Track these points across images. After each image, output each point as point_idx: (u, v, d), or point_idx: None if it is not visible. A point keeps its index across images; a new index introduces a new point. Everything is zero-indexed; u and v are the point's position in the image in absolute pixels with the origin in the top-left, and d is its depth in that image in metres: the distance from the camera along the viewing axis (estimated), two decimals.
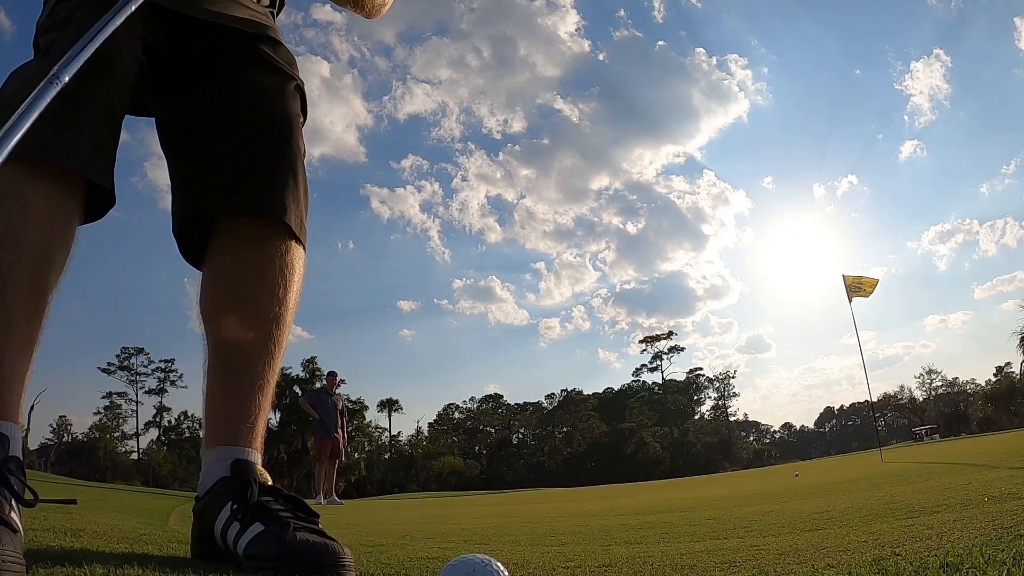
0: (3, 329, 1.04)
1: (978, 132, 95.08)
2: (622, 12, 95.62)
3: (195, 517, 1.31)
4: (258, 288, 1.34)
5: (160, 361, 60.93)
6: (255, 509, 1.21)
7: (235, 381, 1.35)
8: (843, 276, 11.58)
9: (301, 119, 1.49)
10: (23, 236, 1.07)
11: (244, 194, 1.34)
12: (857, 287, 11.56)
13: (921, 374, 74.00)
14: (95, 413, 58.13)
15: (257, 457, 1.34)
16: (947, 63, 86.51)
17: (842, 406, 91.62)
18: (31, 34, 1.48)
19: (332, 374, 11.78)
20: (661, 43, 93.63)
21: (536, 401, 74.00)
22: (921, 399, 72.12)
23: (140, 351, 60.32)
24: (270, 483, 1.30)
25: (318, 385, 42.79)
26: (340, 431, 10.83)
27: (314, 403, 11.08)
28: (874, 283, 11.68)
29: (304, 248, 1.41)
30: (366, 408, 54.16)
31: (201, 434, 1.38)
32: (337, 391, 11.33)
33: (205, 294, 1.39)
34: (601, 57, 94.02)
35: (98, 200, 1.23)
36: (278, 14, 1.64)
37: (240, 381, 1.35)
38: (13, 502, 0.99)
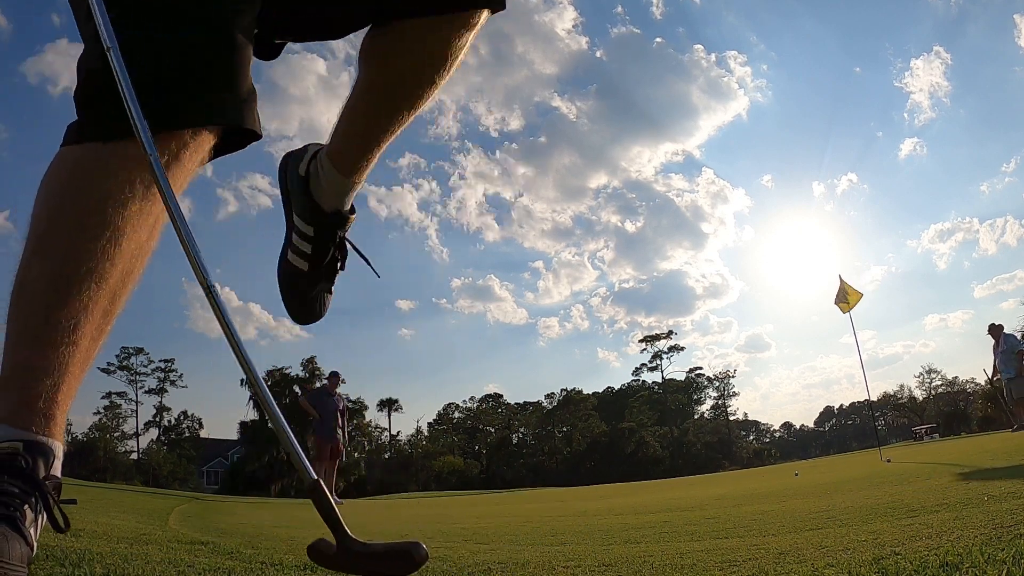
0: (71, 355, 1.04)
1: (978, 130, 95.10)
2: (620, 9, 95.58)
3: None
4: (444, 59, 1.32)
5: (160, 361, 61.00)
6: (329, 258, 1.48)
7: (390, 122, 1.37)
8: (839, 276, 11.54)
9: None
10: (109, 271, 1.05)
11: None
12: (843, 298, 11.45)
13: (921, 373, 74.07)
14: (95, 413, 58.14)
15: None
16: (947, 60, 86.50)
17: (842, 405, 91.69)
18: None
19: (335, 374, 11.72)
20: (659, 40, 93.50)
21: (536, 400, 74.06)
22: (921, 398, 72.17)
23: (140, 351, 60.27)
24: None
25: (318, 384, 42.81)
26: (340, 431, 10.84)
27: (314, 403, 11.08)
28: (858, 297, 11.59)
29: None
30: (366, 408, 54.22)
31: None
32: (338, 391, 11.32)
33: (390, 43, 1.30)
34: (599, 54, 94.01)
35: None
36: None
37: (391, 123, 1.38)
38: (39, 518, 0.99)
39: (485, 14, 1.30)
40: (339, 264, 1.51)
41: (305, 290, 1.48)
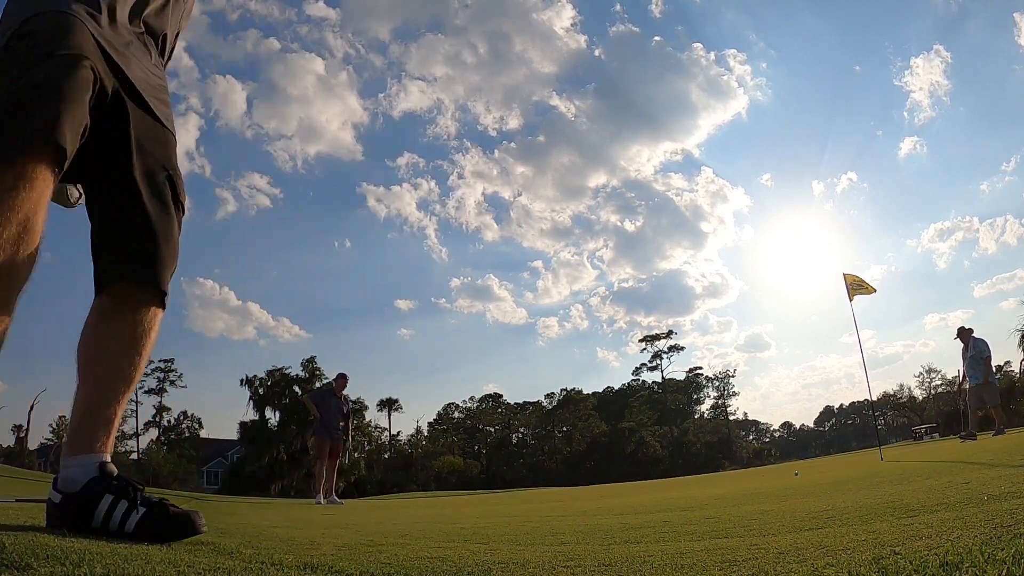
0: None
1: (978, 129, 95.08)
2: (618, 7, 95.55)
3: (64, 506, 1.64)
4: (135, 346, 1.74)
5: (159, 361, 60.95)
6: (132, 497, 1.63)
7: (105, 403, 1.72)
8: (844, 275, 11.55)
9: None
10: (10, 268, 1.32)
11: (148, 267, 1.72)
12: (858, 285, 11.55)
13: (921, 373, 74.13)
14: None
15: (108, 458, 1.72)
16: (947, 59, 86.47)
17: (841, 405, 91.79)
18: None
19: (342, 376, 11.57)
20: (658, 38, 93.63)
21: (536, 400, 74.05)
22: (921, 398, 72.20)
23: None
24: (116, 473, 1.69)
25: (318, 384, 42.70)
26: (344, 432, 10.78)
27: (316, 401, 11.03)
28: (857, 289, 11.68)
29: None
30: (366, 408, 54.13)
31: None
32: (344, 393, 11.21)
33: (95, 334, 1.72)
34: (597, 53, 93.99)
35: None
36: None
37: (107, 405, 1.73)
38: None
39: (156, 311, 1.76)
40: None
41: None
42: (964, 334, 12.04)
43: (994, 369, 11.77)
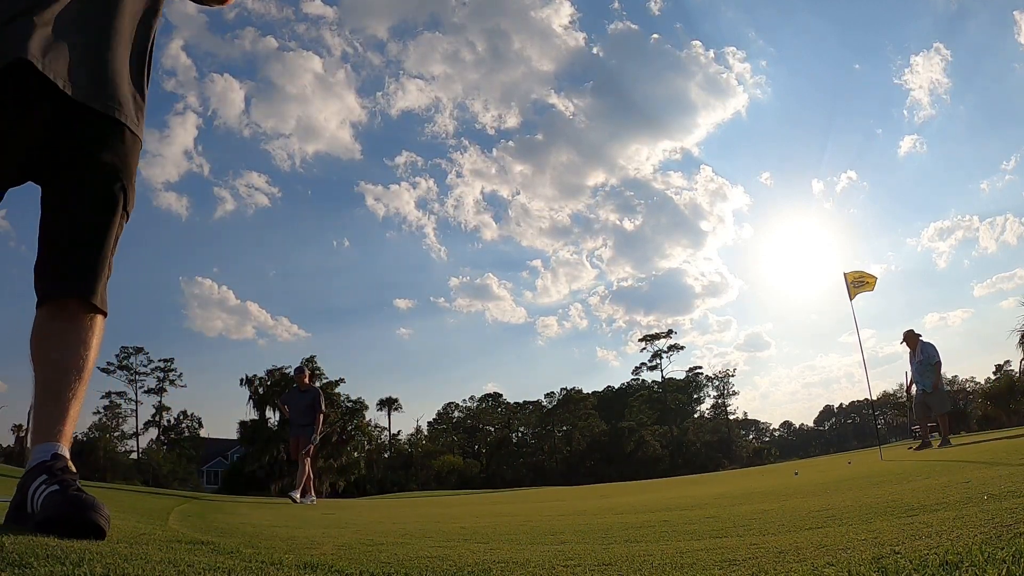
0: None
1: (978, 128, 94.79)
2: (617, 4, 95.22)
3: (17, 490, 1.68)
4: (77, 346, 1.79)
5: (159, 360, 61.02)
6: (56, 477, 1.62)
7: (54, 399, 1.77)
8: (844, 274, 11.53)
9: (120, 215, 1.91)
10: None
11: (74, 279, 1.77)
12: (860, 282, 11.48)
13: None
14: (94, 413, 58.12)
15: (66, 451, 1.75)
16: (947, 57, 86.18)
17: (841, 404, 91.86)
18: None
19: (299, 370, 11.53)
20: (657, 36, 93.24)
21: (536, 400, 74.09)
22: None
23: (139, 350, 60.33)
24: (74, 471, 1.70)
25: (317, 384, 42.71)
26: (312, 425, 10.47)
27: (286, 402, 11.00)
28: (874, 280, 11.62)
29: (105, 314, 1.86)
30: (366, 407, 54.14)
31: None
32: (310, 384, 11.03)
33: (38, 338, 1.78)
34: (596, 51, 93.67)
35: None
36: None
37: (57, 400, 1.77)
38: None
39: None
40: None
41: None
42: (912, 338, 11.26)
43: (944, 376, 11.07)
